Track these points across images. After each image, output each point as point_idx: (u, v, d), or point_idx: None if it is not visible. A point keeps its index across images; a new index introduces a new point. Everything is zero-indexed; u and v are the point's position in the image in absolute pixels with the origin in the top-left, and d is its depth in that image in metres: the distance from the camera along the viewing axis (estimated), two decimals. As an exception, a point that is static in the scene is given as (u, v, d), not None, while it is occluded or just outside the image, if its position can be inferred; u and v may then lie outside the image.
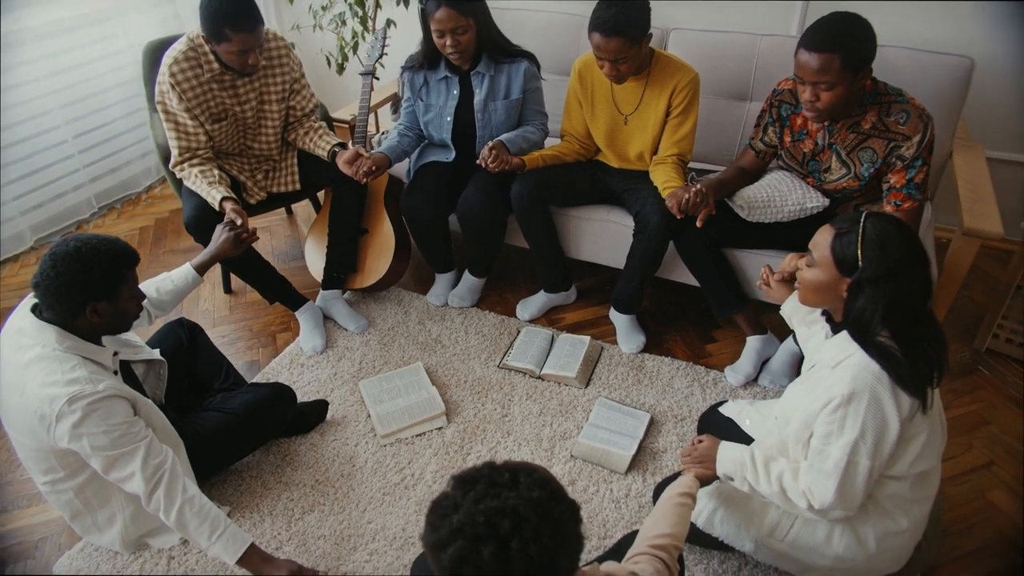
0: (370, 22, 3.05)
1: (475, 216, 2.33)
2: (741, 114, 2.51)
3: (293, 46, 2.29)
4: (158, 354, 1.82)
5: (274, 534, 1.76)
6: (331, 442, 2.02)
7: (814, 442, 1.33)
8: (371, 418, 2.07)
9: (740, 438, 1.58)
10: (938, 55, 2.21)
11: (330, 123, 2.68)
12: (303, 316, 2.41)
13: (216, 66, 2.12)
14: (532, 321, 2.50)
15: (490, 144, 2.16)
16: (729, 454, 1.45)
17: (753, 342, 2.21)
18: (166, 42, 2.37)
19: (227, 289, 2.70)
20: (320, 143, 2.35)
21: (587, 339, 2.31)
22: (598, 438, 1.96)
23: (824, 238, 1.34)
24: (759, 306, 2.23)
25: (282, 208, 3.13)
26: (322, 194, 2.82)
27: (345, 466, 1.94)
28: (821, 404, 1.30)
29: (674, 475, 1.67)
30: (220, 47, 2.02)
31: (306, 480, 1.90)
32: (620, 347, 2.35)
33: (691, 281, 2.30)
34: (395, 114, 2.90)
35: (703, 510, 1.56)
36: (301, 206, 3.20)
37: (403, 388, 2.15)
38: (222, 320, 2.56)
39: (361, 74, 2.52)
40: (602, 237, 2.39)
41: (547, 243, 2.41)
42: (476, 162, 2.20)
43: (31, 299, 1.57)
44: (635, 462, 1.91)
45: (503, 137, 2.23)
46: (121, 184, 3.26)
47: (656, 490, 1.75)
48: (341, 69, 3.13)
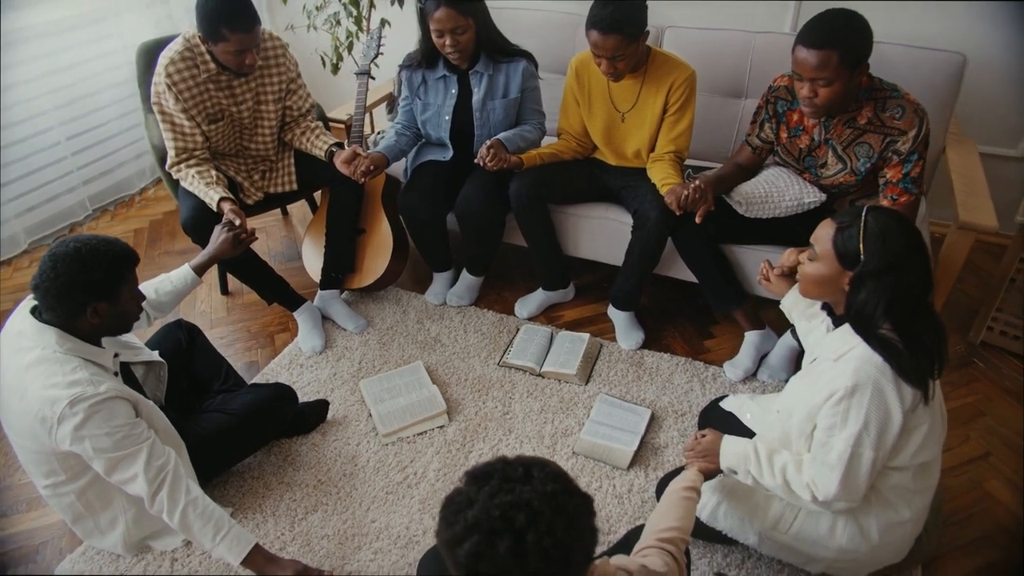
0: (364, 22, 3.04)
1: (473, 215, 2.33)
2: (736, 111, 2.52)
3: (288, 46, 2.29)
4: (157, 356, 1.81)
5: (277, 535, 1.76)
6: (332, 442, 2.01)
7: (818, 434, 1.34)
8: (372, 417, 2.07)
9: (741, 432, 1.59)
10: (930, 51, 2.23)
11: (326, 123, 2.68)
12: (301, 316, 2.40)
13: (212, 66, 2.11)
14: (531, 319, 2.50)
15: (488, 143, 2.16)
16: (732, 448, 1.46)
17: (751, 337, 2.22)
18: (160, 43, 2.36)
19: (224, 291, 2.69)
20: (317, 143, 2.34)
21: (586, 336, 2.32)
22: (600, 434, 1.97)
23: (826, 232, 1.35)
24: (757, 301, 2.25)
25: (278, 209, 3.12)
26: (319, 194, 2.81)
27: (347, 465, 1.94)
28: (824, 397, 1.31)
29: (676, 470, 1.67)
30: (217, 47, 2.02)
31: (308, 480, 1.90)
32: (619, 344, 2.36)
33: (688, 277, 2.31)
34: (390, 114, 2.90)
35: (707, 504, 1.56)
36: (296, 207, 3.19)
37: (404, 387, 2.15)
38: (220, 322, 2.55)
39: (357, 74, 2.51)
40: (600, 234, 2.40)
41: (545, 241, 2.41)
42: (474, 161, 2.20)
43: (30, 301, 1.56)
44: (637, 458, 1.92)
45: (501, 136, 2.23)
46: (115, 186, 3.24)
47: (659, 485, 1.76)
48: (336, 69, 3.13)
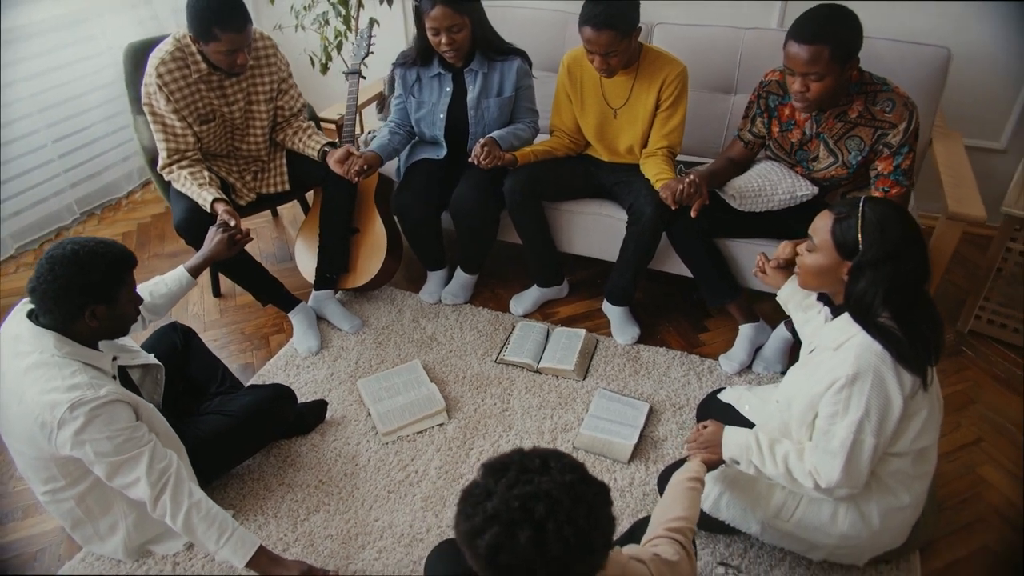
0: (353, 21, 3.03)
1: (468, 212, 2.33)
2: (727, 107, 2.54)
3: (278, 46, 2.27)
4: (154, 359, 1.79)
5: (280, 536, 1.75)
6: (332, 442, 2.01)
7: (819, 422, 1.36)
8: (371, 417, 2.07)
9: (739, 423, 1.60)
10: (916, 45, 2.27)
11: (317, 123, 2.67)
12: (296, 317, 2.39)
13: (204, 66, 2.09)
14: (526, 316, 2.51)
15: (482, 140, 2.16)
16: (734, 438, 1.48)
17: (746, 330, 2.25)
18: (148, 43, 2.34)
19: (216, 293, 2.67)
20: (310, 143, 2.33)
21: (582, 332, 2.33)
22: (600, 428, 1.98)
23: (824, 223, 1.37)
24: (750, 294, 2.27)
25: (267, 210, 3.10)
26: (310, 195, 2.80)
27: (348, 465, 1.93)
28: (825, 385, 1.33)
29: (677, 462, 1.69)
30: (208, 47, 2.00)
31: (309, 481, 1.89)
32: (615, 339, 2.37)
33: (681, 272, 2.33)
34: (380, 113, 2.89)
35: (709, 494, 1.58)
36: (286, 208, 3.16)
37: (402, 386, 2.15)
38: (213, 324, 2.53)
39: (348, 73, 2.50)
40: (594, 231, 2.41)
41: (540, 238, 2.42)
42: (468, 159, 2.20)
43: (25, 305, 1.55)
44: (637, 451, 1.94)
45: (495, 134, 2.24)
46: (102, 189, 3.19)
47: (660, 478, 1.77)
48: (325, 69, 3.11)
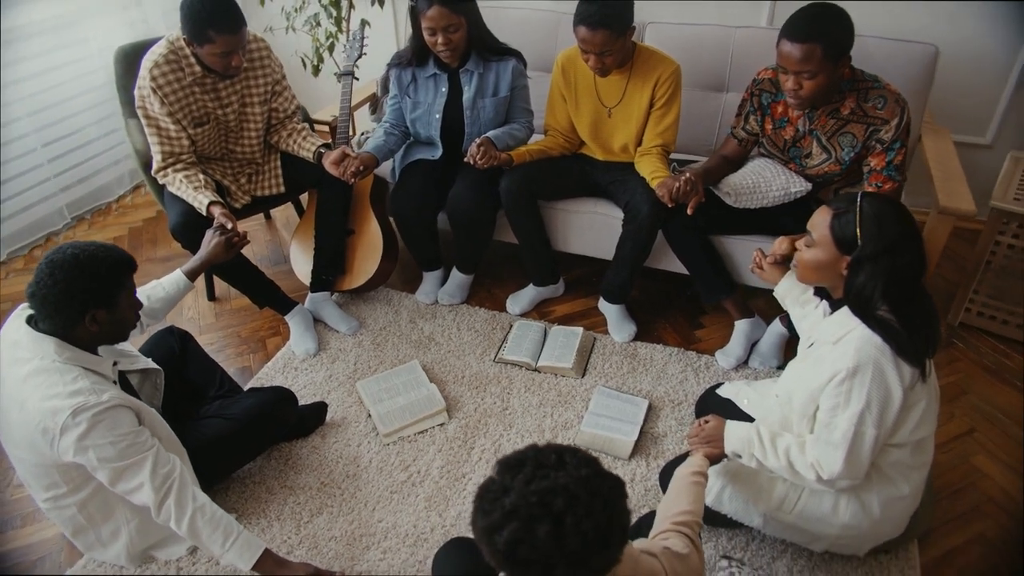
0: (344, 23, 3.02)
1: (465, 212, 2.34)
2: (719, 105, 2.56)
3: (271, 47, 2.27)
4: (153, 363, 1.78)
5: (284, 539, 1.75)
6: (333, 444, 2.00)
7: (821, 415, 1.38)
8: (372, 418, 2.07)
9: (738, 418, 1.61)
10: (904, 43, 2.30)
11: (311, 125, 2.66)
12: (293, 320, 2.39)
13: (198, 69, 2.08)
14: (523, 315, 2.52)
15: (478, 140, 2.17)
16: (736, 432, 1.50)
17: (742, 326, 2.27)
18: (139, 46, 2.33)
19: (211, 296, 2.65)
20: (305, 144, 2.32)
21: (580, 330, 2.34)
22: (600, 425, 1.99)
23: (822, 219, 1.39)
24: (744, 291, 2.29)
25: (260, 213, 3.08)
26: (304, 197, 2.79)
27: (350, 467, 1.93)
28: (826, 378, 1.35)
29: (678, 458, 1.70)
30: (203, 49, 1.99)
31: (311, 483, 1.89)
32: (612, 336, 2.39)
33: (676, 269, 2.34)
34: (373, 115, 2.89)
35: (712, 488, 1.59)
36: (279, 210, 3.15)
37: (401, 386, 2.15)
38: (208, 328, 2.52)
39: (341, 75, 2.50)
40: (590, 229, 2.42)
41: (536, 237, 2.43)
42: (464, 160, 2.21)
43: (23, 311, 1.53)
44: (637, 447, 1.95)
45: (490, 134, 2.24)
46: (93, 193, 3.16)
47: (662, 473, 1.79)
48: (317, 71, 3.11)
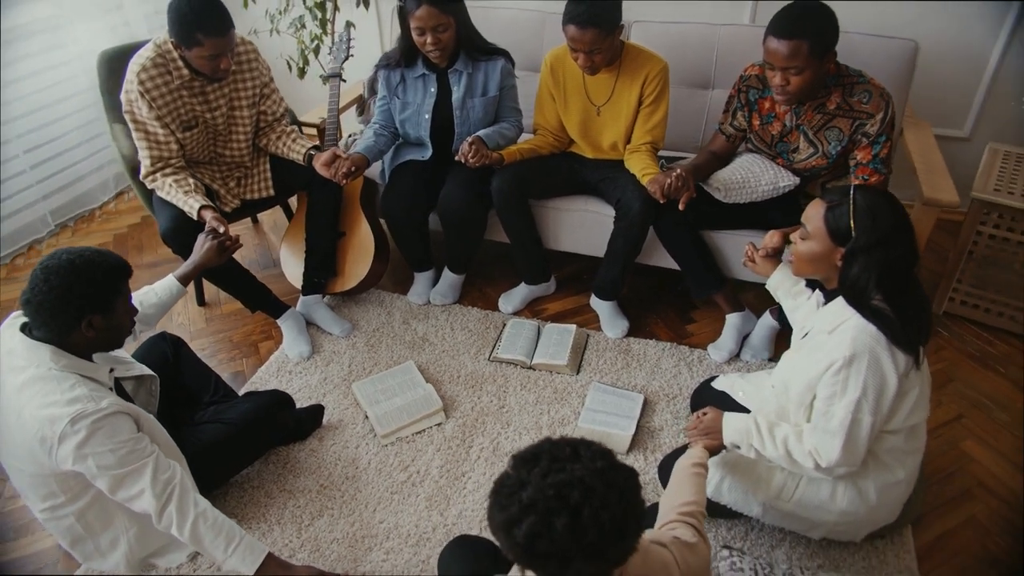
0: (329, 25, 3.01)
1: (456, 212, 2.34)
2: (704, 101, 2.59)
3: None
4: (148, 369, 1.77)
5: (285, 542, 1.74)
6: (331, 446, 2.00)
7: (818, 404, 1.41)
8: (369, 419, 2.06)
9: (734, 410, 1.64)
10: (885, 38, 2.34)
11: (299, 127, 2.65)
12: (286, 323, 2.37)
13: (185, 72, 2.07)
14: (515, 313, 2.53)
15: (469, 139, 2.18)
16: (734, 423, 1.52)
17: (732, 319, 2.30)
18: (123, 50, 2.31)
19: (200, 302, 2.63)
20: (294, 147, 2.31)
21: (573, 327, 2.35)
22: (597, 421, 2.01)
23: (816, 211, 1.42)
24: (734, 284, 2.33)
25: (248, 217, 3.06)
26: (293, 200, 2.77)
27: (349, 469, 1.93)
28: (823, 368, 1.38)
29: (676, 451, 1.72)
30: (191, 52, 1.98)
31: (311, 486, 1.88)
32: (605, 333, 2.40)
33: (667, 265, 2.37)
34: (360, 117, 2.88)
35: (711, 479, 1.62)
36: (267, 214, 3.13)
37: (397, 387, 2.15)
38: (199, 333, 2.50)
39: (329, 76, 2.49)
40: (580, 227, 2.44)
41: (527, 236, 2.44)
42: (455, 159, 2.21)
43: (16, 319, 1.51)
44: (634, 442, 1.97)
45: (481, 133, 2.25)
46: (76, 200, 3.11)
47: (660, 467, 1.81)
48: (302, 73, 3.09)
